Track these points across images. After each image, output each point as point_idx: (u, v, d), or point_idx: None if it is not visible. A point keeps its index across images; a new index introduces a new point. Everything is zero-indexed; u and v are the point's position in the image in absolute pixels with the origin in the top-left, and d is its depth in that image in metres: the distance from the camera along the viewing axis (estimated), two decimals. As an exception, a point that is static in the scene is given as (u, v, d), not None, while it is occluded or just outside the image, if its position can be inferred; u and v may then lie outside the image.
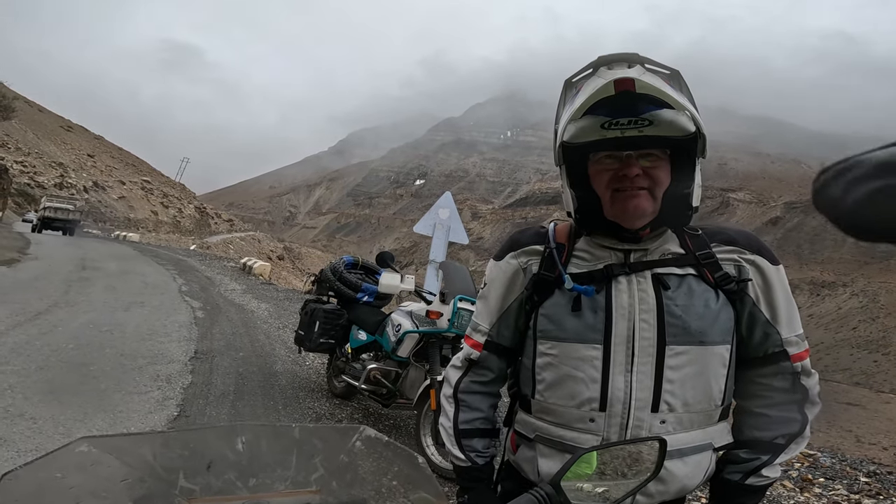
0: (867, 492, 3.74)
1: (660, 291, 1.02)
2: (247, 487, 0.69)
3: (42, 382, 4.21)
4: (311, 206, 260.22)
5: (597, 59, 0.96)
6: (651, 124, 0.94)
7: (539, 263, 1.12)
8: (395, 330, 3.99)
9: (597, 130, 0.97)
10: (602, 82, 0.93)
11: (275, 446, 0.77)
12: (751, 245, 1.08)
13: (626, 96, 0.93)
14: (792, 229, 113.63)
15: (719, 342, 1.02)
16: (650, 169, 0.99)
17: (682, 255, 1.05)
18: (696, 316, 1.00)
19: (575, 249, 1.10)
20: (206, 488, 0.68)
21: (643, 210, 1.00)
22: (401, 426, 4.31)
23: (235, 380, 4.92)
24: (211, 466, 0.70)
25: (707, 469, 1.07)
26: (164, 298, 9.40)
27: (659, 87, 0.92)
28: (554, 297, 1.08)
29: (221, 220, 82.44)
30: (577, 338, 1.03)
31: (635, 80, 0.91)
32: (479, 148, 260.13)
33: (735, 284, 1.04)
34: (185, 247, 29.52)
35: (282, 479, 0.71)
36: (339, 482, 0.73)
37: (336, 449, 0.78)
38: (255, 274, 16.00)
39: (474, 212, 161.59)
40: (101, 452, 0.67)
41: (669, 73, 0.96)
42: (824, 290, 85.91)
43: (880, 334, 65.68)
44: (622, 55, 0.94)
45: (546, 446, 1.09)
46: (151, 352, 5.57)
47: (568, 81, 1.03)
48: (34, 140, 58.66)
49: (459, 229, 7.20)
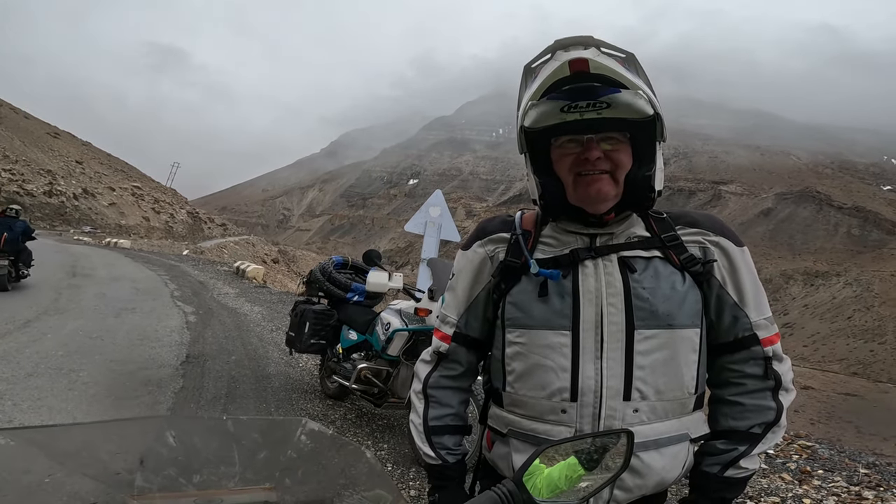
0: (867, 483, 3.69)
1: (626, 275, 1.02)
2: (192, 484, 0.65)
3: (31, 389, 4.18)
4: (304, 208, 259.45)
5: (553, 44, 0.97)
6: (609, 107, 0.94)
7: (506, 251, 1.11)
8: (384, 329, 3.98)
9: (556, 114, 0.97)
10: (557, 64, 0.94)
11: (210, 440, 0.73)
12: (714, 227, 1.08)
13: (582, 77, 0.94)
14: (784, 220, 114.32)
15: (688, 325, 1.02)
16: (611, 152, 0.99)
17: (647, 238, 1.05)
18: (663, 298, 1.00)
19: (541, 236, 1.10)
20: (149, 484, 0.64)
21: (605, 194, 1.00)
22: (394, 426, 4.30)
23: (227, 383, 4.90)
24: (144, 461, 0.66)
25: (685, 461, 1.06)
26: (155, 304, 9.34)
27: (612, 68, 0.93)
28: (521, 283, 1.07)
29: (214, 224, 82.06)
30: (545, 324, 1.02)
31: (589, 60, 0.92)
32: (472, 146, 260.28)
33: (701, 266, 1.04)
34: (177, 252, 29.36)
35: (228, 475, 0.67)
36: (293, 479, 0.70)
37: (281, 443, 0.74)
38: (249, 277, 15.94)
39: (468, 210, 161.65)
40: (21, 445, 0.62)
41: (624, 55, 0.97)
42: (818, 279, 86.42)
43: (875, 323, 66.01)
44: (578, 38, 0.95)
45: (519, 441, 1.07)
46: (142, 357, 5.54)
47: (527, 67, 1.03)
48: (21, 147, 58.09)
49: (451, 227, 7.17)
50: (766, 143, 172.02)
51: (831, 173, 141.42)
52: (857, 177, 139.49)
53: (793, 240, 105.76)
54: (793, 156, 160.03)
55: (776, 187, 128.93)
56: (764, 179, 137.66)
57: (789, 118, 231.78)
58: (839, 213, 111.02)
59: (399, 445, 3.86)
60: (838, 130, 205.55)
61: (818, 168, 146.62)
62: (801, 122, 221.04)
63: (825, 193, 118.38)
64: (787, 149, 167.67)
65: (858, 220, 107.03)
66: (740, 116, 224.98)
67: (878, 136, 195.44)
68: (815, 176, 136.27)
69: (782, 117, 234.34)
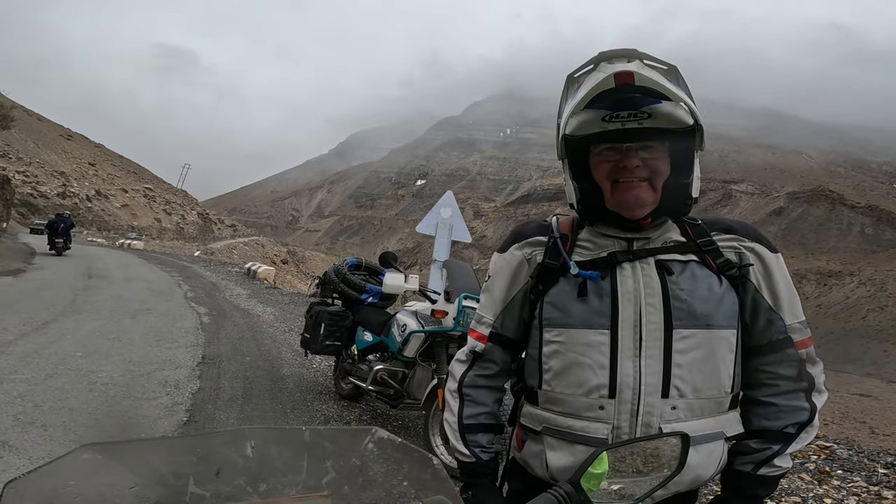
0: (886, 483, 3.68)
1: (664, 276, 1.04)
2: (257, 493, 0.67)
3: (52, 390, 4.24)
4: (313, 209, 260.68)
5: (598, 55, 1.00)
6: (650, 117, 0.98)
7: (543, 253, 1.13)
8: (400, 330, 3.99)
9: (598, 123, 1.00)
10: (603, 76, 0.96)
11: (285, 450, 0.75)
12: (749, 234, 1.11)
13: (626, 89, 0.96)
14: (796, 219, 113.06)
15: (725, 326, 1.04)
16: (649, 160, 1.02)
17: (683, 243, 1.08)
18: (700, 299, 1.02)
19: (578, 240, 1.13)
20: (216, 495, 0.66)
21: (643, 200, 1.03)
22: (409, 427, 4.32)
23: (243, 384, 4.94)
24: (220, 472, 0.68)
25: (720, 459, 1.07)
26: (170, 305, 9.45)
27: (657, 80, 0.96)
28: (559, 284, 1.09)
29: (224, 225, 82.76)
30: (584, 323, 1.04)
31: (635, 73, 0.94)
32: (480, 146, 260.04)
33: (737, 270, 1.07)
34: (189, 253, 29.64)
35: (292, 483, 0.69)
36: (351, 485, 0.71)
37: (348, 451, 0.76)
38: (260, 278, 16.05)
39: (476, 210, 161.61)
40: (106, 459, 0.65)
41: (667, 68, 1.00)
42: (831, 279, 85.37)
43: (889, 323, 65.14)
44: (622, 51, 0.98)
45: (555, 438, 1.08)
46: (159, 358, 5.60)
47: (570, 77, 1.06)
48: (35, 149, 58.99)
49: (462, 228, 7.19)
50: (777, 142, 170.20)
51: (844, 172, 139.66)
52: (871, 175, 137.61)
53: (805, 239, 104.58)
54: (805, 155, 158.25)
55: (788, 186, 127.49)
56: (775, 178, 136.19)
57: (801, 117, 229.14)
58: (852, 212, 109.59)
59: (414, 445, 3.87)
60: (851, 129, 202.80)
61: (830, 167, 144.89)
62: (813, 120, 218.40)
63: (838, 192, 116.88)
64: (798, 148, 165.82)
65: (872, 220, 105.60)
66: (751, 115, 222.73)
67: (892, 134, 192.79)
68: (827, 175, 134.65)
69: (794, 116, 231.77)
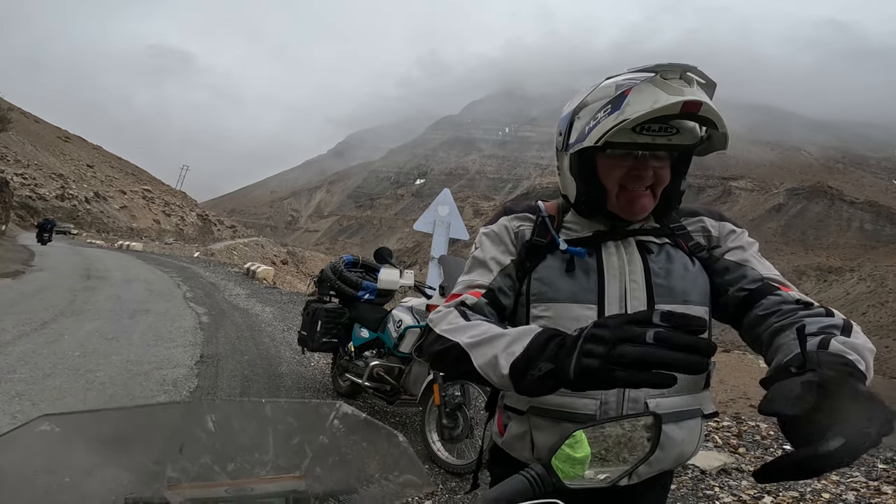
0: (886, 478, 3.66)
1: (645, 255, 1.08)
2: (225, 472, 0.65)
3: (50, 389, 4.26)
4: (312, 209, 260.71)
5: (651, 67, 0.96)
6: (678, 132, 0.99)
7: (532, 230, 1.15)
8: (396, 326, 4.00)
9: (628, 133, 0.97)
10: (666, 100, 0.91)
11: (248, 425, 0.72)
12: (713, 215, 1.18)
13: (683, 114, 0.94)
14: (795, 216, 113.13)
15: (700, 303, 1.08)
16: (658, 169, 1.04)
17: (658, 228, 1.13)
18: (678, 277, 1.07)
19: (564, 221, 1.16)
20: (184, 473, 0.64)
21: (647, 209, 1.07)
22: (407, 423, 4.33)
23: (241, 382, 4.95)
24: (183, 449, 0.66)
25: (699, 435, 1.10)
26: (168, 305, 9.45)
27: (718, 112, 0.94)
28: (546, 261, 1.11)
29: (224, 226, 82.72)
30: (572, 298, 1.05)
31: (703, 104, 0.92)
32: (479, 145, 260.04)
33: (706, 252, 1.12)
34: (188, 254, 29.63)
35: (261, 463, 0.67)
36: (323, 466, 0.70)
37: (314, 428, 0.74)
38: (259, 278, 16.05)
39: (476, 209, 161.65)
40: (64, 430, 0.61)
41: (711, 84, 0.99)
42: (831, 275, 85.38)
43: (890, 319, 64.89)
44: (677, 66, 0.94)
45: (540, 417, 1.07)
46: (157, 357, 5.61)
47: (613, 82, 1.02)
48: (33, 152, 58.92)
49: (459, 225, 7.18)
50: (775, 139, 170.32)
51: (843, 168, 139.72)
52: (870, 171, 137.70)
53: (805, 235, 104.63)
54: (803, 151, 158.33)
55: (787, 183, 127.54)
56: (774, 175, 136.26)
57: (800, 113, 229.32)
58: (851, 207, 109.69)
59: (412, 443, 3.81)
60: (849, 126, 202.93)
61: (829, 163, 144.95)
62: (812, 117, 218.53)
63: (837, 188, 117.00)
64: (797, 144, 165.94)
65: (871, 215, 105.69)
66: (749, 112, 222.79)
67: (889, 130, 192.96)
68: (826, 171, 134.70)
69: (792, 113, 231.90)
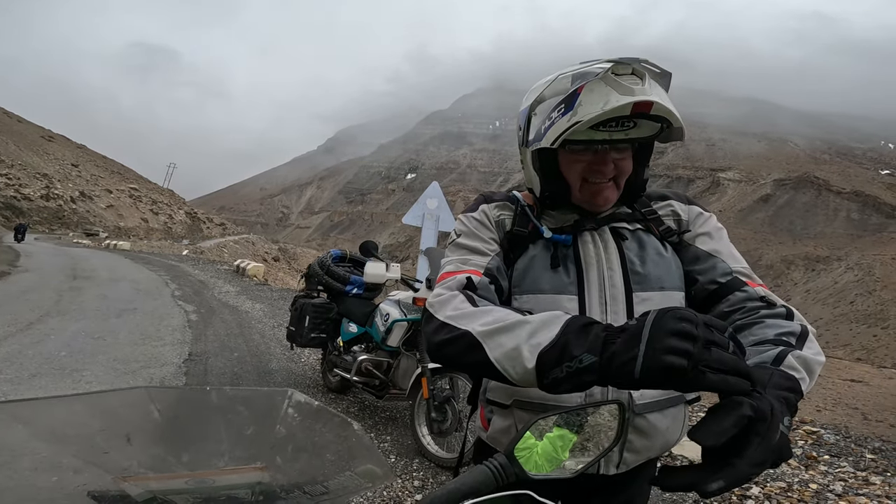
0: (874, 469, 3.66)
1: (619, 243, 1.09)
2: (181, 463, 0.62)
3: (36, 389, 4.22)
4: (303, 205, 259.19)
5: (602, 63, 0.95)
6: (635, 126, 1.00)
7: (512, 220, 1.14)
8: (383, 320, 4.00)
9: (584, 131, 0.97)
10: (618, 101, 0.91)
11: (195, 415, 0.69)
12: (681, 199, 1.19)
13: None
14: (783, 206, 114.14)
15: (676, 288, 1.08)
16: (619, 161, 1.05)
17: (629, 214, 1.14)
18: (652, 264, 1.07)
19: (542, 212, 1.16)
20: (136, 464, 0.60)
21: (610, 200, 1.08)
22: (397, 418, 4.34)
23: (231, 380, 4.93)
24: (131, 438, 0.63)
25: (683, 422, 1.11)
26: (156, 303, 9.37)
27: (670, 109, 0.93)
28: (528, 251, 1.10)
29: (213, 224, 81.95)
30: (555, 289, 1.05)
31: (654, 103, 0.91)
32: (469, 139, 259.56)
33: (677, 236, 1.13)
34: (177, 252, 29.35)
35: (217, 453, 0.64)
36: (284, 457, 0.68)
37: (269, 417, 0.71)
38: (249, 275, 15.95)
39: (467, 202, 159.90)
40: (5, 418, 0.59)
41: (664, 75, 0.99)
42: (819, 264, 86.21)
43: (878, 308, 65.46)
44: (628, 61, 0.94)
45: (525, 411, 1.06)
46: (145, 356, 5.57)
47: (562, 77, 1.01)
48: (16, 151, 57.87)
49: (449, 218, 7.19)
50: (763, 131, 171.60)
51: (829, 159, 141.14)
52: (855, 162, 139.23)
53: (793, 225, 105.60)
54: (790, 142, 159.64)
55: (774, 173, 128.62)
56: (762, 166, 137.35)
57: (786, 105, 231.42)
58: (838, 197, 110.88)
59: (402, 437, 3.89)
60: (835, 117, 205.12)
61: (816, 154, 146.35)
62: (798, 109, 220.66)
63: (823, 179, 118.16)
64: (784, 136, 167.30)
65: (858, 205, 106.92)
66: (737, 104, 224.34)
67: (874, 122, 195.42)
68: (813, 162, 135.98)
69: (779, 104, 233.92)
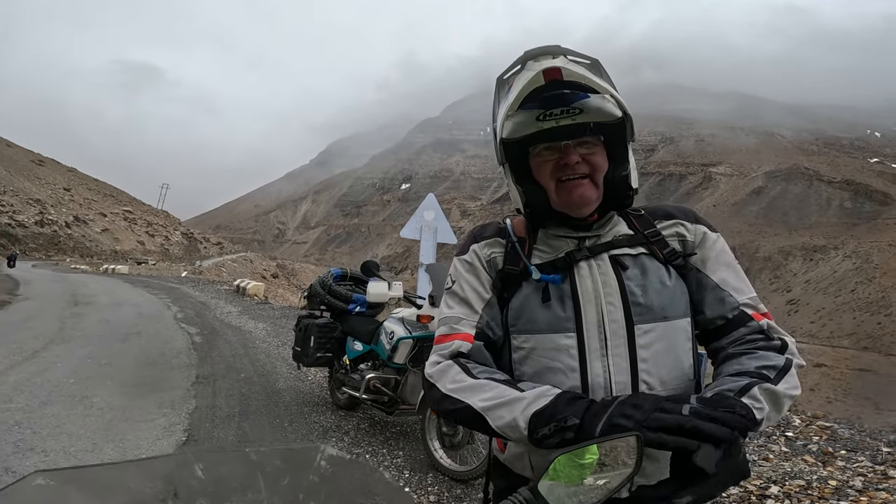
0: (891, 462, 3.59)
1: (619, 273, 1.06)
2: None
3: (48, 417, 4.26)
4: (299, 220, 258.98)
5: (523, 55, 1.01)
6: (582, 112, 0.99)
7: (503, 258, 1.13)
8: (388, 338, 4.05)
9: (533, 123, 1.01)
10: (532, 74, 0.97)
11: (236, 472, 0.75)
12: (688, 216, 1.15)
13: (555, 86, 0.98)
14: (776, 197, 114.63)
15: (680, 316, 1.06)
16: (588, 155, 1.04)
17: (632, 236, 1.10)
18: (655, 293, 1.04)
19: (535, 242, 1.14)
20: None
21: (588, 198, 1.05)
22: (408, 432, 4.38)
23: (239, 401, 4.98)
24: (178, 494, 0.68)
25: None
26: (159, 327, 9.40)
27: (583, 74, 0.98)
28: (522, 290, 1.09)
29: (210, 243, 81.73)
30: (551, 328, 1.05)
31: (562, 68, 0.96)
32: (462, 146, 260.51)
33: (682, 259, 1.10)
34: (176, 274, 29.32)
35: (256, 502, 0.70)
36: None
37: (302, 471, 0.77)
38: (250, 294, 15.99)
39: (463, 210, 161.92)
40: (59, 485, 0.63)
41: (590, 62, 1.02)
42: (817, 254, 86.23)
43: (879, 295, 64.88)
44: (545, 48, 1.00)
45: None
46: (152, 380, 5.61)
47: (500, 79, 1.07)
48: (7, 177, 57.64)
49: (446, 229, 7.21)
50: (749, 124, 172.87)
51: (817, 149, 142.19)
52: (843, 151, 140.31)
53: (787, 216, 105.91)
54: (778, 135, 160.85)
55: (765, 166, 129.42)
56: (752, 159, 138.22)
57: (770, 98, 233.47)
58: (830, 187, 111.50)
59: (414, 451, 3.94)
60: (818, 108, 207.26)
61: (804, 145, 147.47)
62: (782, 101, 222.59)
63: (814, 169, 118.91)
64: (771, 128, 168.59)
65: (850, 193, 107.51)
66: (722, 99, 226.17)
67: (857, 111, 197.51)
68: (801, 153, 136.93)
69: (763, 98, 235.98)
